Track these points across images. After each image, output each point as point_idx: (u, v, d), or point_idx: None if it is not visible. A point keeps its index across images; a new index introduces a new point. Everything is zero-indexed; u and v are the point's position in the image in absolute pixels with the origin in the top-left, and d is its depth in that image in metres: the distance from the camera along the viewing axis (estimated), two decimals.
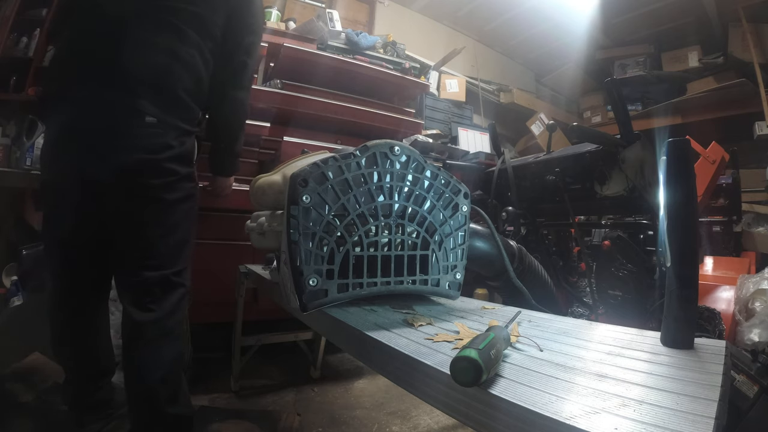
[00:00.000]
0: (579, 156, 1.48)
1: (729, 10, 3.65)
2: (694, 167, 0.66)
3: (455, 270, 0.93)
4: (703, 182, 2.14)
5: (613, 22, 4.26)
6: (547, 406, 0.40)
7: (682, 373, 0.50)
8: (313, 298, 0.79)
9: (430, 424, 1.52)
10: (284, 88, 2.12)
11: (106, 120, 1.06)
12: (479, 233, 1.16)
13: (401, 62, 3.24)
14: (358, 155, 0.83)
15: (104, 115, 1.06)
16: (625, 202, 1.39)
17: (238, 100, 1.34)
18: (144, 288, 1.11)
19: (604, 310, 1.50)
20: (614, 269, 1.47)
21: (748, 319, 1.58)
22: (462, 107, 3.79)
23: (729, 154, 2.35)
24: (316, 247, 0.79)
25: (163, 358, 1.10)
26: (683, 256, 0.60)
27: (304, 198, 0.77)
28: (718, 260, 2.18)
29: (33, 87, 2.28)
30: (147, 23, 1.12)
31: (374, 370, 0.70)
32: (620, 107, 1.33)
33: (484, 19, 4.43)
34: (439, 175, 0.90)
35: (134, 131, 1.07)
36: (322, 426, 1.47)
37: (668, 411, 0.39)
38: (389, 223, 0.86)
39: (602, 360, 0.55)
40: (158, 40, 1.11)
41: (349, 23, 3.68)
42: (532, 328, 0.74)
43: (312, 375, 1.89)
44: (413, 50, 3.65)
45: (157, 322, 1.10)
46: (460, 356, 0.44)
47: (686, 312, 0.60)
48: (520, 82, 4.87)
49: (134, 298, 1.11)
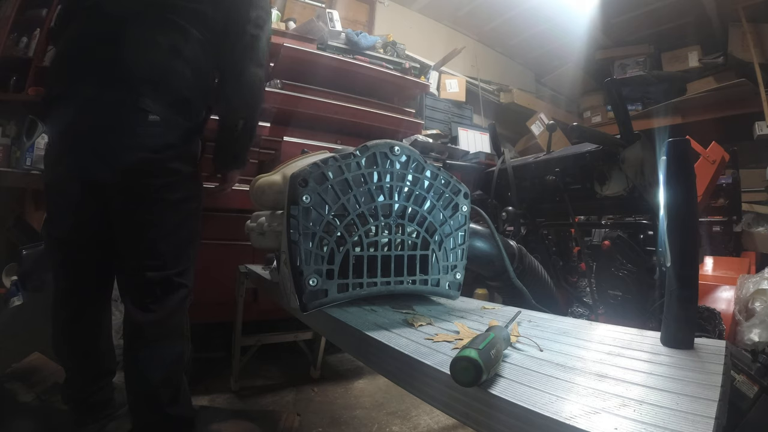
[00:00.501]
0: (579, 156, 1.48)
1: (729, 10, 3.65)
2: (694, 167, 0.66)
3: (455, 270, 0.93)
4: (703, 182, 2.14)
5: (613, 22, 4.26)
6: (547, 406, 0.40)
7: (682, 373, 0.50)
8: (313, 298, 0.79)
9: (430, 424, 1.52)
10: (284, 88, 2.12)
11: (108, 119, 1.06)
12: (479, 233, 1.16)
13: (401, 62, 3.24)
14: (358, 155, 0.83)
15: (107, 114, 1.06)
16: (625, 202, 1.39)
17: (256, 77, 1.26)
18: (145, 288, 1.11)
19: (604, 310, 1.50)
20: (614, 269, 1.47)
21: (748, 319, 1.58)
22: (462, 107, 3.79)
23: (729, 154, 2.36)
24: (316, 247, 0.79)
25: (164, 359, 1.10)
26: (683, 256, 0.60)
27: (304, 198, 0.77)
28: (718, 260, 2.18)
29: (33, 87, 2.28)
30: (149, 21, 1.11)
31: (374, 370, 0.70)
32: (620, 107, 1.33)
33: (484, 19, 4.43)
34: (439, 175, 0.90)
35: (137, 130, 1.07)
36: (322, 426, 1.47)
37: (668, 411, 0.39)
38: (389, 223, 0.86)
39: (602, 360, 0.55)
40: (160, 38, 1.10)
41: (349, 23, 3.68)
42: (532, 328, 0.74)
43: (312, 375, 1.89)
44: (413, 50, 3.65)
45: (157, 322, 1.10)
46: (460, 356, 0.44)
47: (686, 312, 0.60)
48: (520, 82, 4.87)
49: (135, 298, 1.11)
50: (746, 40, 3.53)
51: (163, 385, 1.09)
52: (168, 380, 1.10)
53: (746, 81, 3.48)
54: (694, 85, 3.93)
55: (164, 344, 1.11)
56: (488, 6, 4.19)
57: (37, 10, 2.46)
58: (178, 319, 1.16)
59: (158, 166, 1.09)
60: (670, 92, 4.10)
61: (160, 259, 1.12)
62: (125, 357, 1.13)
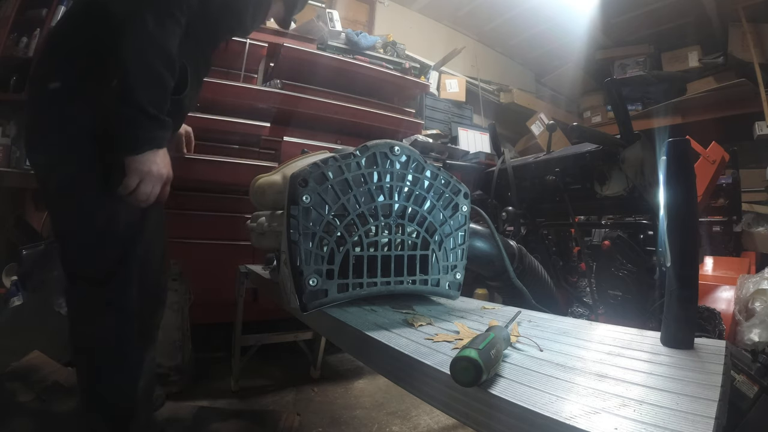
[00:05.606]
0: (579, 156, 1.48)
1: (729, 10, 3.65)
2: (694, 167, 0.66)
3: (455, 270, 0.93)
4: (703, 182, 2.14)
5: (613, 22, 4.26)
6: (547, 406, 0.40)
7: (682, 373, 0.50)
8: (313, 298, 0.79)
9: (430, 424, 1.52)
10: (284, 88, 2.12)
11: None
12: (479, 233, 1.16)
13: (401, 62, 3.24)
14: (358, 155, 0.83)
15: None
16: (625, 202, 1.39)
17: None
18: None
19: (604, 310, 1.50)
20: (614, 269, 1.47)
21: (748, 319, 1.58)
22: (462, 107, 3.80)
23: (729, 154, 2.36)
24: (316, 247, 0.79)
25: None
26: (683, 256, 0.60)
27: (304, 198, 0.77)
28: (718, 260, 2.18)
29: None
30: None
31: (374, 370, 0.70)
32: (620, 107, 1.33)
33: (484, 19, 4.43)
34: (439, 175, 0.90)
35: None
36: (322, 426, 1.47)
37: (668, 411, 0.39)
38: (389, 223, 0.86)
39: (602, 360, 0.55)
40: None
41: (349, 23, 3.68)
42: (532, 328, 0.74)
43: (312, 375, 1.89)
44: (413, 50, 3.65)
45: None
46: (460, 356, 0.44)
47: (686, 312, 0.60)
48: (520, 82, 4.87)
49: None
50: (746, 40, 3.53)
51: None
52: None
53: (746, 81, 3.48)
54: (694, 85, 3.93)
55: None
56: (488, 6, 4.19)
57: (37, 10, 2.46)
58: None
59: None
60: (670, 92, 4.10)
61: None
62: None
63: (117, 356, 1.02)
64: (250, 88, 2.11)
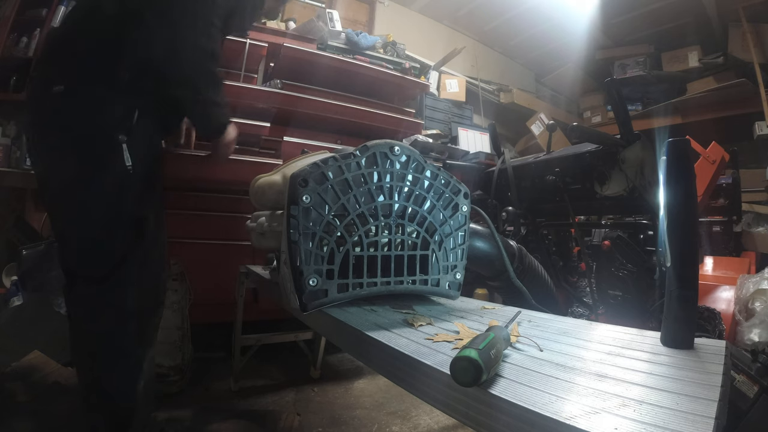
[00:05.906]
0: (579, 156, 1.48)
1: (729, 10, 3.66)
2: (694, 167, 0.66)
3: (455, 270, 0.93)
4: (703, 182, 2.14)
5: (613, 22, 4.26)
6: (547, 406, 0.40)
7: (682, 373, 0.50)
8: (313, 298, 0.79)
9: (430, 424, 1.52)
10: (284, 88, 2.12)
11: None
12: (479, 233, 1.16)
13: (401, 62, 3.24)
14: (358, 155, 0.83)
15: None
16: (625, 202, 1.39)
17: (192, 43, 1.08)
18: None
19: (604, 310, 1.50)
20: (614, 269, 1.47)
21: (748, 319, 1.58)
22: (462, 107, 3.80)
23: (729, 154, 2.36)
24: (316, 247, 0.79)
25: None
26: (683, 256, 0.60)
27: (304, 198, 0.77)
28: (718, 260, 2.18)
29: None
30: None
31: (374, 370, 0.70)
32: (620, 107, 1.33)
33: (484, 19, 4.43)
34: (439, 175, 0.90)
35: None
36: (322, 426, 1.47)
37: (668, 411, 0.39)
38: (389, 223, 0.86)
39: (602, 360, 0.55)
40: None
41: (349, 23, 3.68)
42: (532, 328, 0.74)
43: (312, 375, 1.89)
44: (413, 50, 3.65)
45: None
46: (460, 356, 0.44)
47: (686, 312, 0.60)
48: (520, 82, 4.87)
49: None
50: (746, 40, 3.53)
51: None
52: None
53: (746, 81, 3.49)
54: (694, 85, 3.93)
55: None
56: (488, 6, 4.20)
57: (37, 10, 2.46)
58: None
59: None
60: (670, 92, 4.10)
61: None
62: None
63: (117, 356, 1.03)
64: (250, 88, 2.11)
